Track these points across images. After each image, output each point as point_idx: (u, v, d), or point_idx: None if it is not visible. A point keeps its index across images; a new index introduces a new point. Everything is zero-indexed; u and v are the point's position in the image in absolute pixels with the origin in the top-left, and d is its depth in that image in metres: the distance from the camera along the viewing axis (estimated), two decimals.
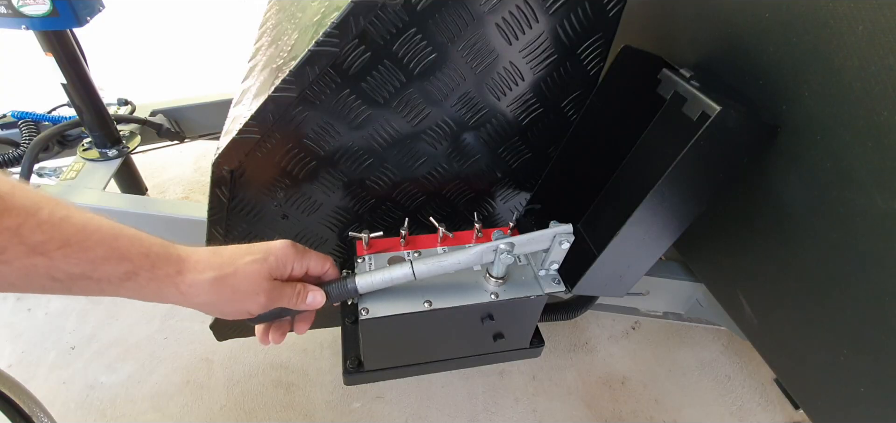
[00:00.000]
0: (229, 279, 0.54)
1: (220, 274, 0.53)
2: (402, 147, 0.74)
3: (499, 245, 0.65)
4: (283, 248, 0.59)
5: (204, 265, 0.53)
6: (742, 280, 0.82)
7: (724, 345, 1.53)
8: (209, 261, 0.53)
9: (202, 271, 0.52)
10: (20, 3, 1.08)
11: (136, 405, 1.29)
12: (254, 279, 0.56)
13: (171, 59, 2.99)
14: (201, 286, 0.52)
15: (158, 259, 0.50)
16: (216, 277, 0.53)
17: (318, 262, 0.64)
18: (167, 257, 0.51)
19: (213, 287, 0.53)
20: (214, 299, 0.54)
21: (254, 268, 0.56)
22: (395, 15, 0.60)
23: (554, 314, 1.03)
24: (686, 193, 0.67)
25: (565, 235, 0.67)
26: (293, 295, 0.60)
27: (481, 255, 0.65)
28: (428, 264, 0.64)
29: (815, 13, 0.59)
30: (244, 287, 0.55)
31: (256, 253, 0.57)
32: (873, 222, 0.57)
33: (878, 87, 0.53)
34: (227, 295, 0.54)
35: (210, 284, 0.53)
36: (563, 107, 0.76)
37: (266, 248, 0.58)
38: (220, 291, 0.53)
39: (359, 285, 0.65)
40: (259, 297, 0.57)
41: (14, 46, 2.68)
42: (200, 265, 0.53)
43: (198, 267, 0.52)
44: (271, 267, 0.57)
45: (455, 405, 1.33)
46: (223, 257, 0.55)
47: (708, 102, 0.61)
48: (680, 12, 0.83)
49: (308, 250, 0.63)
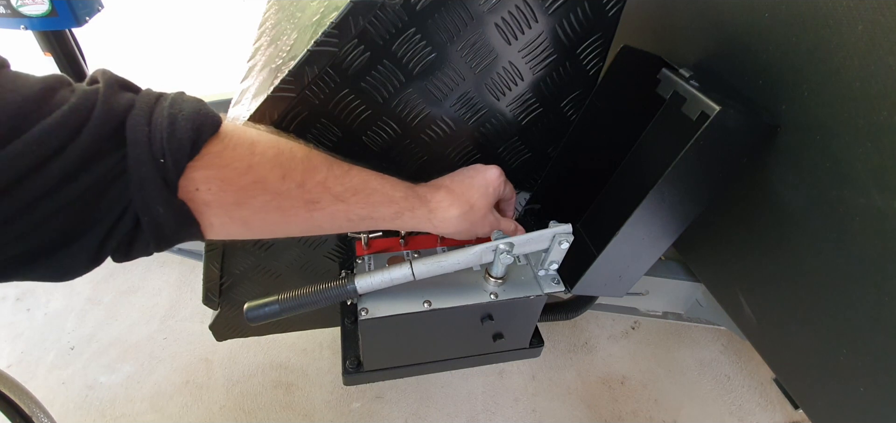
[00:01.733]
0: (468, 215, 0.66)
1: (461, 211, 0.65)
2: (401, 147, 0.74)
3: (498, 245, 0.65)
4: (497, 178, 0.69)
5: (447, 205, 0.64)
6: (742, 280, 0.82)
7: (723, 345, 1.54)
8: (453, 200, 0.65)
9: (447, 208, 0.64)
10: (19, 3, 1.08)
11: (136, 405, 1.29)
12: (484, 211, 0.68)
13: (171, 59, 2.99)
14: (449, 222, 0.64)
15: (416, 202, 0.62)
16: (459, 214, 0.65)
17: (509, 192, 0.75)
18: (422, 201, 0.63)
19: (458, 220, 0.65)
20: (459, 229, 0.66)
21: (484, 203, 0.67)
22: (394, 15, 0.59)
23: (554, 314, 1.03)
24: (685, 193, 0.67)
25: (565, 235, 0.67)
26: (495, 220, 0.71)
27: (481, 255, 0.65)
28: (427, 265, 0.64)
29: (815, 13, 0.59)
30: (478, 218, 0.67)
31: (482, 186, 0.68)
32: (873, 221, 0.57)
33: (877, 87, 0.53)
34: (469, 224, 0.67)
35: (456, 219, 0.65)
36: (562, 107, 0.76)
37: (485, 181, 0.68)
38: (463, 222, 0.65)
39: (358, 286, 0.65)
40: (487, 222, 0.69)
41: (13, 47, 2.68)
42: (444, 205, 0.64)
43: (443, 206, 0.64)
44: (491, 199, 0.69)
45: (455, 405, 1.33)
46: (458, 195, 0.66)
47: (707, 102, 0.61)
48: (679, 12, 0.83)
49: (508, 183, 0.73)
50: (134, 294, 1.58)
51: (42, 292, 1.57)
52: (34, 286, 1.59)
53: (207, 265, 0.82)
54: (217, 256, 0.80)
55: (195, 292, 1.59)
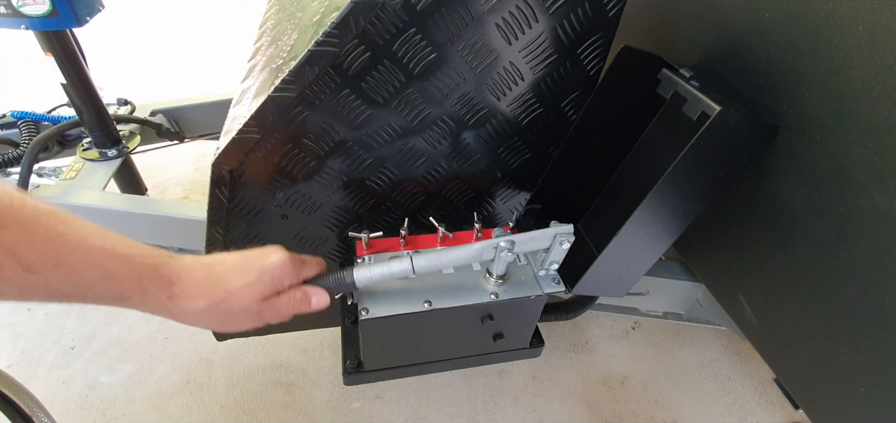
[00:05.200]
0: (221, 305, 0.54)
1: (210, 302, 0.53)
2: (401, 147, 0.74)
3: (499, 243, 0.65)
4: (278, 266, 0.57)
5: (195, 292, 0.52)
6: (742, 280, 0.82)
7: (724, 345, 1.53)
8: (200, 287, 0.53)
9: (193, 298, 0.52)
10: (20, 3, 1.08)
11: (136, 405, 1.29)
12: (246, 303, 0.55)
13: (171, 59, 2.99)
14: (192, 315, 0.53)
15: (149, 284, 0.50)
16: (207, 305, 0.53)
17: (313, 269, 0.63)
18: (158, 282, 0.50)
19: (204, 314, 0.53)
20: (207, 323, 0.55)
21: (246, 293, 0.55)
22: (394, 15, 0.60)
23: (554, 314, 1.03)
24: (686, 193, 0.67)
25: (565, 235, 0.67)
26: (289, 304, 0.60)
27: (482, 251, 0.65)
28: (427, 260, 0.64)
29: (815, 13, 0.59)
30: (236, 311, 0.55)
31: (250, 275, 0.55)
32: (873, 221, 0.57)
33: (878, 87, 0.53)
34: (220, 319, 0.55)
35: (202, 312, 0.53)
36: (562, 107, 0.76)
37: (260, 268, 0.56)
38: (211, 317, 0.54)
39: (356, 277, 0.64)
40: (251, 318, 0.57)
41: (14, 46, 2.68)
42: (191, 292, 0.52)
43: (188, 293, 0.52)
44: (265, 289, 0.56)
45: (455, 405, 1.33)
46: (215, 281, 0.54)
47: (708, 102, 0.61)
48: (680, 12, 0.83)
49: (305, 260, 0.62)
50: None
51: None
52: None
53: None
54: None
55: None
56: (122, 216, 1.29)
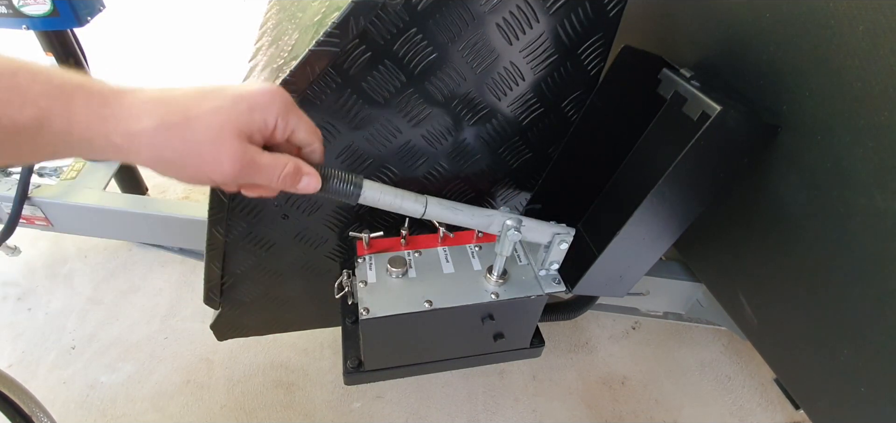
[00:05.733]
0: (179, 130, 0.40)
1: (164, 121, 0.39)
2: (402, 147, 0.74)
3: (507, 220, 0.65)
4: (262, 92, 0.43)
5: (142, 109, 0.39)
6: (742, 280, 0.82)
7: (724, 345, 1.53)
8: (153, 104, 0.39)
9: (139, 116, 0.39)
10: (21, 3, 1.08)
11: (137, 405, 1.29)
12: (217, 132, 0.41)
13: (171, 59, 2.99)
14: (140, 137, 0.39)
15: (74, 99, 0.37)
16: (160, 125, 0.39)
17: (306, 130, 0.48)
18: (87, 97, 0.38)
19: (156, 139, 0.39)
20: (162, 156, 0.40)
21: (217, 119, 0.41)
22: (395, 15, 0.60)
23: (554, 314, 1.03)
24: (686, 193, 0.67)
25: (565, 234, 0.67)
26: (278, 171, 0.46)
27: (491, 221, 0.65)
28: (442, 207, 0.62)
29: (815, 13, 0.59)
30: (202, 144, 0.40)
31: (220, 98, 0.41)
32: (873, 221, 0.57)
33: (878, 87, 0.53)
34: (179, 153, 0.40)
35: (152, 133, 0.39)
36: (563, 107, 0.76)
37: (236, 93, 0.42)
38: (167, 146, 0.40)
39: (365, 191, 0.55)
40: (225, 163, 0.42)
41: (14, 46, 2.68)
42: (137, 108, 0.39)
43: (133, 110, 0.39)
44: (244, 119, 0.42)
45: (455, 405, 1.33)
46: (169, 102, 0.40)
47: (708, 102, 0.61)
48: (680, 12, 0.83)
49: (296, 107, 0.48)
50: (135, 294, 1.58)
51: (43, 292, 1.58)
52: (35, 286, 1.59)
53: (209, 265, 0.82)
54: (218, 255, 0.80)
55: (196, 291, 1.59)
56: (122, 216, 1.29)
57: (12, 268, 1.64)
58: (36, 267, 1.66)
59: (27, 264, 1.66)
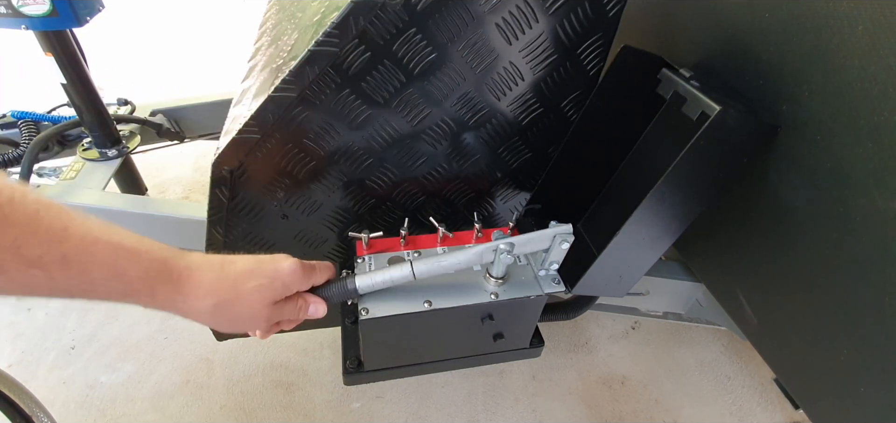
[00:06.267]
0: (231, 305, 0.53)
1: (221, 300, 0.52)
2: (402, 147, 0.74)
3: (498, 245, 0.65)
4: (290, 273, 0.57)
5: (205, 291, 0.51)
6: (742, 280, 0.82)
7: (724, 345, 1.53)
8: (210, 286, 0.52)
9: (203, 297, 0.51)
10: (20, 3, 1.08)
11: (136, 405, 1.29)
12: (256, 307, 0.55)
13: (171, 59, 2.99)
14: (202, 313, 0.52)
15: (158, 281, 0.48)
16: (217, 304, 0.52)
17: (322, 275, 0.63)
18: (168, 280, 0.49)
19: (213, 313, 0.52)
20: (215, 322, 0.54)
21: (257, 297, 0.55)
22: (395, 15, 0.60)
23: (554, 314, 1.03)
24: (686, 193, 0.67)
25: (565, 235, 0.67)
26: (294, 310, 0.60)
27: (481, 255, 0.65)
28: (428, 265, 0.64)
29: (815, 13, 0.59)
30: (245, 314, 0.55)
31: (262, 277, 0.55)
32: (873, 221, 0.57)
33: (878, 87, 0.53)
34: (228, 320, 0.54)
35: (211, 311, 0.52)
36: (562, 107, 0.76)
37: (273, 271, 0.56)
38: (220, 317, 0.53)
39: (358, 285, 0.65)
40: (260, 322, 0.57)
41: (14, 46, 2.68)
42: (202, 290, 0.51)
43: (198, 292, 0.51)
44: (276, 294, 0.56)
45: (455, 405, 1.33)
46: (226, 280, 0.53)
47: (708, 102, 0.61)
48: (680, 12, 0.83)
49: (314, 267, 0.62)
50: None
51: None
52: None
53: None
54: None
55: None
56: (122, 216, 1.29)
57: None
58: None
59: None
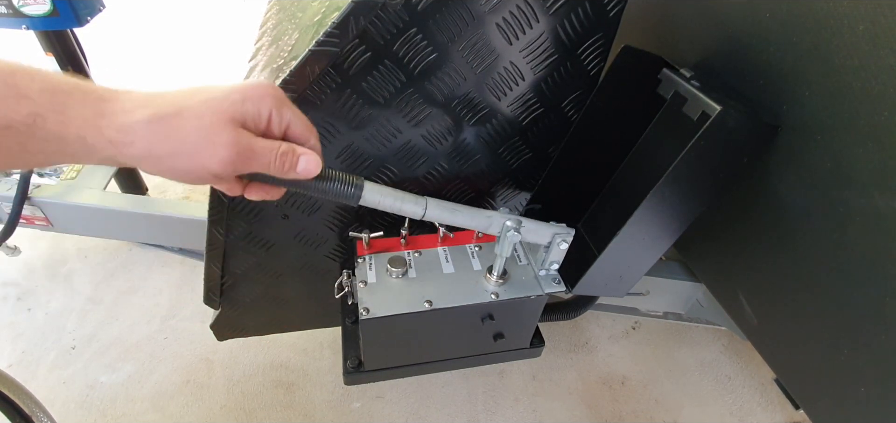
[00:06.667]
0: (172, 121, 0.40)
1: (156, 113, 0.40)
2: (402, 147, 0.74)
3: (506, 221, 0.65)
4: (254, 85, 0.44)
5: (135, 103, 0.40)
6: (742, 280, 0.82)
7: (724, 345, 1.53)
8: (146, 98, 0.41)
9: (132, 110, 0.40)
10: (20, 3, 1.08)
11: (136, 405, 1.29)
12: (210, 123, 0.41)
13: (171, 59, 2.99)
14: (133, 130, 0.39)
15: (71, 97, 0.38)
16: (153, 116, 0.40)
17: (300, 123, 0.48)
18: (83, 95, 0.39)
19: (149, 131, 0.40)
20: (155, 149, 0.40)
21: (209, 108, 0.41)
22: (395, 15, 0.60)
23: (554, 314, 1.03)
24: (686, 193, 0.67)
25: (565, 234, 0.67)
26: (274, 155, 0.45)
27: (490, 222, 0.65)
28: (442, 208, 0.62)
29: (815, 13, 0.59)
30: (195, 132, 0.41)
31: (213, 91, 0.42)
32: (873, 221, 0.57)
33: (878, 87, 0.53)
34: (173, 144, 0.40)
35: (145, 126, 0.39)
36: (563, 107, 0.76)
37: (229, 87, 0.43)
38: (161, 137, 0.40)
39: (366, 192, 0.55)
40: (219, 149, 0.41)
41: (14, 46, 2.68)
42: (130, 103, 0.40)
43: (127, 105, 0.40)
44: (237, 109, 0.43)
45: (455, 405, 1.33)
46: (163, 96, 0.41)
47: (708, 102, 0.61)
48: (680, 12, 0.83)
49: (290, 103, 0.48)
50: (135, 294, 1.58)
51: (43, 292, 1.57)
52: (35, 286, 1.59)
53: (209, 265, 0.82)
54: (218, 255, 0.80)
55: (196, 291, 1.59)
56: (122, 216, 1.29)
57: (12, 268, 1.64)
58: (36, 267, 1.66)
59: (27, 264, 1.66)
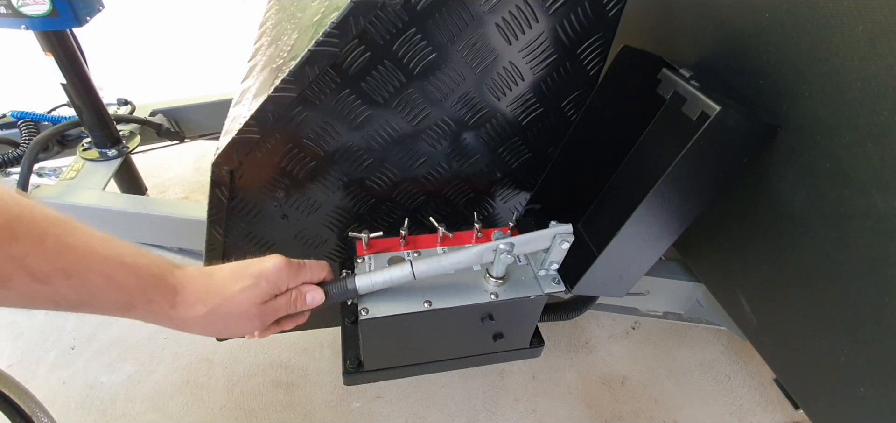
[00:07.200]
0: (220, 310, 0.56)
1: (210, 308, 0.55)
2: (402, 147, 0.74)
3: (498, 245, 0.65)
4: (275, 271, 0.59)
5: (195, 299, 0.54)
6: (742, 280, 0.82)
7: (724, 345, 1.53)
8: (200, 294, 0.55)
9: (193, 305, 0.54)
10: (20, 3, 1.08)
11: (136, 405, 1.29)
12: (245, 308, 0.57)
13: (171, 59, 2.99)
14: (194, 321, 0.55)
15: (155, 293, 0.51)
16: (207, 311, 0.55)
17: (314, 272, 0.64)
18: (163, 292, 0.52)
19: (205, 321, 0.55)
20: (208, 329, 0.57)
21: (244, 297, 0.57)
22: (394, 15, 0.60)
23: (554, 314, 1.03)
24: (686, 193, 0.67)
25: (565, 235, 0.67)
26: (289, 303, 0.62)
27: (481, 255, 0.65)
28: (428, 264, 0.64)
29: (815, 13, 0.59)
30: (236, 316, 0.57)
31: (247, 279, 0.57)
32: (873, 221, 0.57)
33: (878, 87, 0.53)
34: (221, 325, 0.57)
35: (202, 318, 0.55)
36: (562, 107, 0.76)
37: (258, 272, 0.58)
38: (212, 323, 0.56)
39: (358, 285, 0.65)
40: (252, 321, 0.59)
41: (14, 46, 2.68)
42: (192, 299, 0.54)
43: (189, 301, 0.54)
44: (263, 293, 0.58)
45: (455, 405, 1.33)
46: (212, 288, 0.56)
47: (708, 102, 0.61)
48: (680, 12, 0.83)
49: (303, 264, 0.63)
50: None
51: None
52: None
53: (209, 265, 0.82)
54: (218, 256, 0.80)
55: None
56: (122, 216, 1.29)
57: None
58: None
59: None
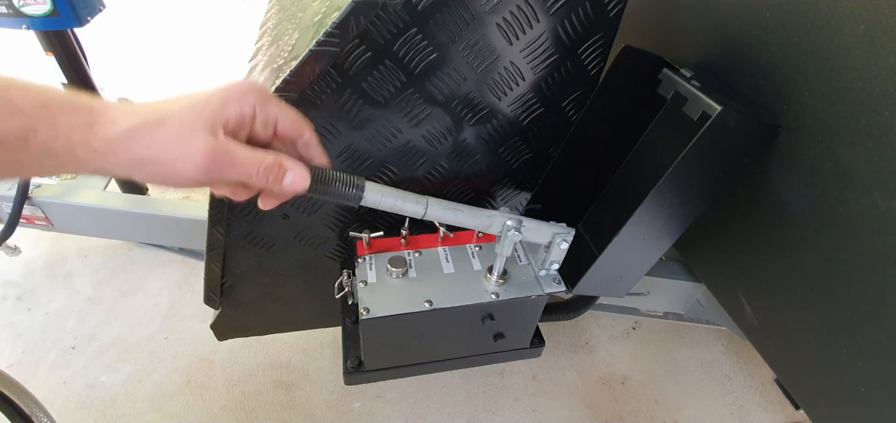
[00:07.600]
0: (155, 130, 0.41)
1: (141, 122, 0.41)
2: (402, 147, 0.74)
3: (507, 220, 0.64)
4: (235, 85, 0.44)
5: (120, 115, 0.41)
6: (742, 280, 0.82)
7: (724, 345, 1.54)
8: (131, 110, 0.41)
9: (116, 121, 0.40)
10: (21, 3, 1.08)
11: (136, 405, 1.29)
12: (187, 128, 0.41)
13: (171, 59, 2.99)
14: (118, 141, 0.40)
15: (61, 110, 0.39)
16: (135, 126, 0.40)
17: (289, 118, 0.47)
18: (73, 108, 0.40)
19: (132, 140, 0.40)
20: (138, 157, 0.41)
21: (188, 114, 0.42)
22: (395, 15, 0.60)
23: (554, 314, 1.03)
24: (687, 193, 0.67)
25: (565, 234, 0.67)
26: (258, 168, 0.44)
27: (491, 222, 0.65)
28: (443, 208, 0.62)
29: (815, 13, 0.59)
30: (173, 139, 0.41)
31: (196, 96, 0.43)
32: (873, 221, 0.57)
33: (878, 87, 0.53)
34: (154, 151, 0.41)
35: (128, 135, 0.40)
36: (563, 107, 0.76)
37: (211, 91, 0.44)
38: (142, 146, 0.41)
39: (367, 193, 0.54)
40: (194, 154, 0.41)
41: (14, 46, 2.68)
42: (116, 115, 0.41)
43: (112, 116, 0.41)
44: (216, 113, 0.42)
45: (455, 405, 1.33)
46: (148, 106, 0.42)
47: (708, 102, 0.61)
48: (681, 12, 0.83)
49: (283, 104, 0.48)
50: (135, 294, 1.58)
51: (43, 292, 1.58)
52: (35, 286, 1.59)
53: (209, 265, 0.82)
54: (218, 255, 0.80)
55: (196, 291, 1.59)
56: (122, 216, 1.29)
57: (12, 268, 1.64)
58: (36, 267, 1.66)
59: (27, 264, 1.66)
